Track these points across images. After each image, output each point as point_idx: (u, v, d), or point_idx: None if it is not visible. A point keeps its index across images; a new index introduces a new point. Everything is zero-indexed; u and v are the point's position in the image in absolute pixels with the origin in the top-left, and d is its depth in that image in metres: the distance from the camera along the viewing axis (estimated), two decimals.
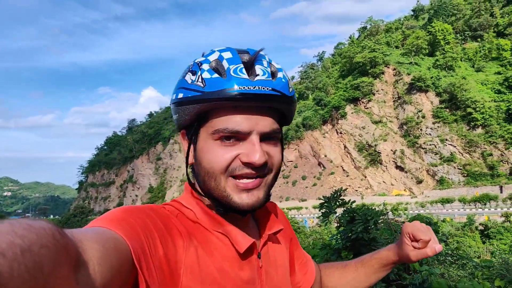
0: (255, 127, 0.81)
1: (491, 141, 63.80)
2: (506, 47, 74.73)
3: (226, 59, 0.82)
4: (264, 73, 0.82)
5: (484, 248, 35.16)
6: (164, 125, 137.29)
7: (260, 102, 0.80)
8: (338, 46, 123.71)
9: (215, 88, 0.80)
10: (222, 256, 0.84)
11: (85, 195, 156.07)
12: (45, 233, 0.41)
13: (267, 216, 1.01)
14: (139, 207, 0.76)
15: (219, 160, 0.82)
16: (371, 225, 7.02)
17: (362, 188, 73.77)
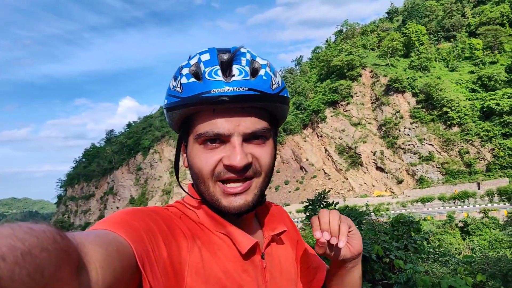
0: (236, 129, 0.80)
1: (467, 139, 65.08)
2: (478, 46, 76.57)
3: (203, 61, 0.82)
4: (241, 73, 0.80)
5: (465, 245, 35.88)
6: (144, 135, 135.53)
7: (236, 103, 0.79)
8: (315, 50, 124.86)
9: (191, 93, 0.79)
10: (226, 257, 0.83)
11: (65, 209, 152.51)
12: (46, 236, 0.41)
13: (270, 217, 1.02)
14: (142, 209, 0.77)
15: (204, 164, 0.82)
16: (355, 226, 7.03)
17: (344, 190, 74.24)
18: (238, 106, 0.80)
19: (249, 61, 0.84)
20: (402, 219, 9.94)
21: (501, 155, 58.92)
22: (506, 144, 59.05)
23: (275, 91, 0.84)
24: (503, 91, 63.54)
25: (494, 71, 68.98)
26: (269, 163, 0.87)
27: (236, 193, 0.82)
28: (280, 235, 1.00)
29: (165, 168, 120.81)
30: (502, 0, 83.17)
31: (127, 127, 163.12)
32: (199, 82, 0.80)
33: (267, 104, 0.83)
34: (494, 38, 75.20)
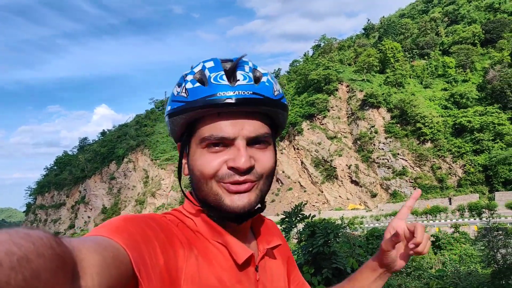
0: (240, 132, 0.82)
1: (439, 154, 66.34)
2: (451, 64, 78.78)
3: (208, 68, 0.84)
4: (245, 78, 0.83)
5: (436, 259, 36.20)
6: (118, 143, 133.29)
7: (241, 106, 0.81)
8: (293, 64, 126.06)
9: (197, 96, 0.81)
10: (221, 267, 0.83)
11: (34, 217, 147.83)
12: (43, 242, 0.41)
13: (265, 230, 1.02)
14: (140, 216, 0.77)
15: (207, 166, 0.82)
16: (331, 239, 6.92)
17: (319, 203, 74.38)
18: (243, 109, 0.82)
19: (252, 68, 0.87)
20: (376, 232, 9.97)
21: (472, 171, 60.25)
22: (476, 161, 60.46)
23: (277, 97, 0.87)
24: (474, 109, 65.40)
25: (466, 89, 70.92)
26: (270, 168, 0.88)
27: (240, 192, 0.83)
28: (275, 249, 1.02)
29: (139, 178, 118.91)
30: (474, 20, 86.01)
31: (101, 135, 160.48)
32: (204, 87, 0.82)
33: (269, 109, 0.86)
34: (466, 57, 77.38)
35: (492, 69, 67.86)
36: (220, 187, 0.83)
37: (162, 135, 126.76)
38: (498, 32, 78.35)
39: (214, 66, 0.84)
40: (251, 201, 0.84)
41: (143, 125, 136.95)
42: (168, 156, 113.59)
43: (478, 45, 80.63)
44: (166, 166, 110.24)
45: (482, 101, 67.23)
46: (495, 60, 71.13)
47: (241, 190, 0.83)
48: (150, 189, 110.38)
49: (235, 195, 0.83)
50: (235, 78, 0.82)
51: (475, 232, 38.97)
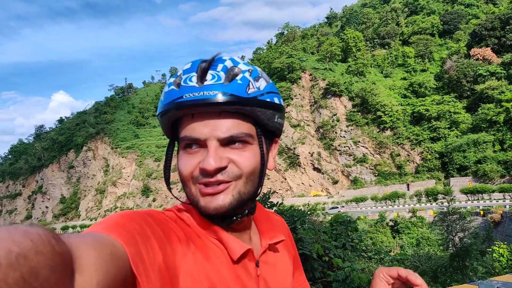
0: (212, 133, 0.81)
1: (398, 142, 68.09)
2: (410, 54, 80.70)
3: (183, 70, 0.84)
4: (213, 77, 0.81)
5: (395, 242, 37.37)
6: (77, 131, 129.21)
7: (207, 107, 0.80)
8: (256, 51, 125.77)
9: (169, 99, 0.82)
10: (219, 263, 0.83)
11: None
12: (41, 239, 0.41)
13: (270, 226, 1.01)
14: (138, 212, 0.76)
15: (184, 168, 0.83)
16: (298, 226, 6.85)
17: (283, 190, 75.07)
18: (210, 110, 0.81)
19: (227, 67, 0.83)
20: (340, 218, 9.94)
21: (429, 158, 62.18)
22: (433, 148, 62.43)
23: (251, 95, 0.83)
24: (432, 98, 67.39)
25: (424, 78, 73.00)
26: (251, 167, 0.85)
27: (213, 194, 0.82)
28: (277, 244, 1.00)
29: (99, 167, 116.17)
30: (433, 11, 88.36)
31: (59, 122, 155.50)
32: (176, 89, 0.81)
33: (240, 108, 0.82)
34: (425, 47, 79.49)
35: (449, 59, 70.04)
36: (196, 189, 0.83)
37: (123, 123, 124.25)
38: (455, 24, 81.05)
39: (189, 68, 0.83)
40: (225, 202, 0.82)
41: (103, 112, 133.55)
42: (129, 144, 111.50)
43: (437, 35, 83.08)
44: (127, 155, 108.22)
45: (439, 90, 69.34)
46: (452, 50, 73.56)
47: (212, 192, 0.82)
48: (111, 178, 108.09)
49: (207, 197, 0.82)
50: (204, 79, 0.81)
51: (431, 217, 40.50)
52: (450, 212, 18.46)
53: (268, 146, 0.93)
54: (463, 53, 70.15)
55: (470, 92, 64.24)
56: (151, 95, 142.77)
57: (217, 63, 0.83)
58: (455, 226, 17.50)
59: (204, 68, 0.81)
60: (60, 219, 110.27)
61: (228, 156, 0.82)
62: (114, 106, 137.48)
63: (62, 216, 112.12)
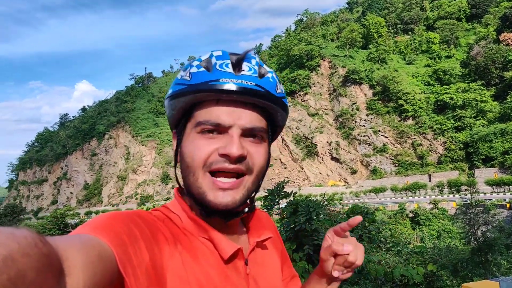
0: (236, 121, 0.82)
1: (420, 131, 66.16)
2: (435, 40, 77.68)
3: (215, 56, 0.85)
4: (250, 70, 0.83)
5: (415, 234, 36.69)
6: (99, 119, 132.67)
7: (241, 95, 0.81)
8: (275, 39, 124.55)
9: (199, 80, 0.82)
10: (208, 262, 0.83)
11: (16, 193, 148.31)
12: (27, 241, 0.41)
13: (257, 223, 1.02)
14: (125, 213, 0.76)
15: (198, 152, 0.82)
16: (313, 216, 6.64)
17: (300, 180, 74.54)
18: (242, 99, 0.82)
19: (258, 63, 0.87)
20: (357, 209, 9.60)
21: (452, 148, 60.43)
22: (457, 138, 60.56)
23: (279, 94, 0.88)
24: (457, 85, 64.93)
25: (449, 65, 70.32)
26: (262, 164, 0.87)
27: (225, 189, 0.82)
28: (265, 241, 1.01)
29: (120, 154, 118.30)
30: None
31: (82, 111, 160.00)
32: (208, 72, 0.82)
33: (269, 105, 0.86)
34: (450, 32, 76.41)
35: (477, 45, 67.15)
36: (206, 180, 0.82)
37: (143, 112, 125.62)
38: (484, 7, 77.58)
39: (221, 55, 0.85)
40: (236, 199, 0.83)
41: (124, 101, 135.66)
42: (149, 132, 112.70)
43: (464, 20, 79.83)
44: (147, 143, 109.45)
45: (466, 77, 66.78)
46: (480, 35, 70.56)
47: (225, 187, 0.82)
48: (132, 166, 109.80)
49: (219, 191, 0.82)
50: (241, 69, 0.83)
51: (453, 209, 39.55)
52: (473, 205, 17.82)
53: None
54: (492, 38, 67.27)
55: (499, 79, 61.63)
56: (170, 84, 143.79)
57: (250, 57, 0.86)
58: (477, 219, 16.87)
59: (239, 59, 0.84)
60: (84, 204, 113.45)
61: (247, 148, 0.83)
62: (134, 95, 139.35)
63: (86, 202, 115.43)
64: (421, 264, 8.18)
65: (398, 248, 11.21)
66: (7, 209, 73.82)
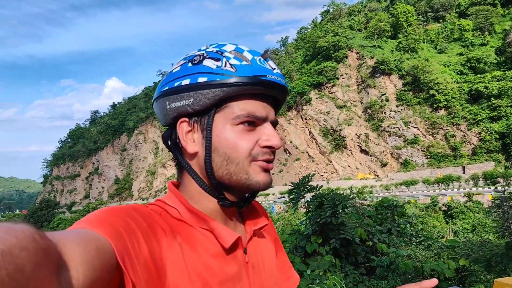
0: (269, 115, 0.87)
1: (453, 122, 64.55)
2: (467, 27, 75.25)
3: (246, 50, 0.86)
4: (276, 67, 0.88)
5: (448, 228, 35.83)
6: (128, 115, 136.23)
7: (279, 91, 0.86)
8: (301, 31, 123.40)
9: (247, 73, 0.82)
10: (207, 252, 0.84)
11: (51, 188, 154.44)
12: (25, 236, 0.41)
13: (252, 211, 1.03)
14: (121, 207, 0.76)
15: (243, 143, 0.84)
16: (339, 210, 6.62)
17: (328, 173, 74.07)
18: (277, 94, 0.87)
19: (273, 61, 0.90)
20: (386, 203, 9.32)
21: (488, 139, 58.68)
22: (493, 128, 58.74)
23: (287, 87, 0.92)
24: (492, 74, 62.64)
25: (483, 53, 67.95)
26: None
27: (268, 170, 0.87)
28: (262, 229, 1.02)
29: (150, 149, 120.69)
30: None
31: (112, 108, 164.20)
32: (251, 66, 0.83)
33: (286, 97, 0.92)
34: (484, 19, 73.78)
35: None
36: (251, 166, 0.85)
37: None
38: None
39: (252, 50, 0.87)
40: (271, 179, 0.88)
41: (152, 97, 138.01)
42: None
43: (498, 5, 76.54)
44: None
45: (501, 65, 64.25)
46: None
47: (270, 167, 0.87)
48: (161, 160, 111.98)
49: (263, 172, 0.86)
50: (271, 66, 0.86)
51: (489, 202, 38.39)
52: (507, 197, 17.22)
53: None
54: None
55: None
56: None
57: (269, 55, 0.89)
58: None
59: (266, 56, 0.87)
60: (115, 198, 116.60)
61: None
62: None
63: (117, 196, 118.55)
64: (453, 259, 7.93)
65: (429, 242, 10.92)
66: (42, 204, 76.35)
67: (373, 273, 6.76)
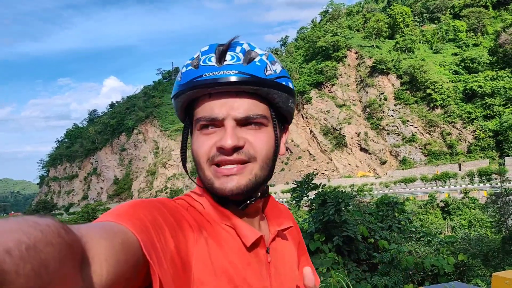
0: (229, 112, 0.83)
1: (449, 120, 65.54)
2: (462, 28, 76.41)
3: (201, 51, 0.86)
4: (232, 58, 0.83)
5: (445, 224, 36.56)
6: (127, 115, 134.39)
7: (226, 86, 0.81)
8: (301, 31, 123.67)
9: (187, 79, 0.84)
10: (231, 249, 0.83)
11: (47, 189, 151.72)
12: (50, 230, 0.41)
13: (277, 213, 1.03)
14: (148, 200, 0.76)
15: (201, 148, 0.84)
16: (342, 207, 7.00)
17: (329, 171, 74.70)
18: (229, 89, 0.82)
19: (245, 50, 0.87)
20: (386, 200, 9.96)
21: (482, 137, 59.67)
22: (487, 126, 59.75)
23: (269, 76, 0.86)
24: (485, 73, 63.90)
25: (477, 53, 69.17)
26: (265, 150, 0.87)
27: (229, 175, 0.83)
28: (286, 230, 1.02)
29: (150, 149, 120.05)
30: None
31: (110, 107, 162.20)
32: (195, 70, 0.84)
33: (258, 89, 0.84)
34: (477, 20, 74.95)
35: (504, 32, 65.83)
36: (211, 170, 0.84)
37: (171, 106, 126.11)
38: None
39: (207, 50, 0.86)
40: (240, 184, 0.83)
41: (151, 96, 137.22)
42: (177, 127, 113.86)
43: (490, 7, 77.83)
44: (176, 137, 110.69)
45: (494, 65, 65.59)
46: (507, 23, 68.98)
47: (225, 173, 0.83)
48: (161, 160, 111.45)
49: (223, 177, 0.83)
50: (223, 59, 0.83)
51: (484, 198, 39.15)
52: (503, 193, 17.89)
53: (280, 131, 0.96)
54: None
55: None
56: None
57: (235, 45, 0.86)
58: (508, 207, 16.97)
59: (223, 50, 0.84)
60: (114, 199, 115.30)
61: (244, 137, 0.84)
62: (162, 90, 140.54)
63: (116, 197, 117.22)
64: (452, 254, 8.43)
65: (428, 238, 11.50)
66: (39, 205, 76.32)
67: (375, 270, 6.84)
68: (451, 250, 8.61)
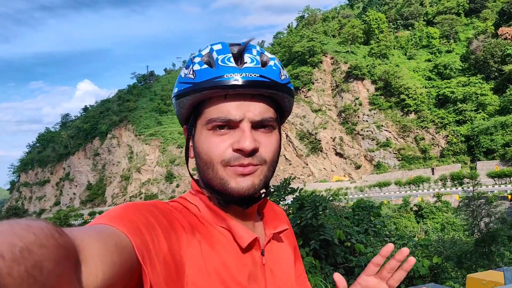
0: (246, 115, 0.82)
1: (422, 126, 66.61)
2: (435, 35, 78.37)
3: (215, 50, 0.85)
4: (252, 61, 0.83)
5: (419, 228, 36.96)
6: (101, 119, 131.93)
7: (248, 88, 0.81)
8: (277, 36, 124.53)
9: (204, 78, 0.82)
10: (225, 251, 0.84)
11: (18, 195, 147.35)
12: (44, 232, 0.41)
13: (273, 215, 1.03)
14: (142, 203, 0.76)
15: (214, 150, 0.83)
16: (319, 211, 6.85)
17: (304, 176, 74.90)
18: (249, 92, 0.82)
19: (259, 52, 0.87)
20: (362, 204, 9.85)
21: (454, 142, 60.85)
22: (459, 131, 60.98)
23: (284, 81, 0.87)
24: (458, 80, 65.42)
25: (449, 59, 70.84)
26: (274, 153, 0.88)
27: (245, 174, 0.83)
28: (281, 233, 1.01)
29: (124, 154, 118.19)
30: None
31: (84, 111, 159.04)
32: (212, 68, 0.82)
33: (276, 93, 0.85)
34: (450, 27, 76.99)
35: (476, 39, 67.68)
36: (225, 171, 0.83)
37: (145, 110, 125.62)
38: (482, 2, 77.90)
39: (221, 49, 0.85)
40: (255, 184, 0.84)
41: (126, 100, 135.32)
42: (152, 131, 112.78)
43: (462, 15, 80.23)
44: (151, 142, 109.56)
45: (466, 71, 67.28)
46: (478, 30, 70.96)
47: (245, 172, 0.83)
48: (135, 165, 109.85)
49: (239, 177, 0.83)
50: (243, 61, 0.83)
51: (456, 201, 39.81)
52: (475, 197, 18.13)
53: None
54: (491, 33, 67.62)
55: (498, 73, 62.06)
56: (173, 82, 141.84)
57: (250, 47, 0.86)
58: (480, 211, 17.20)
59: (240, 51, 0.84)
60: (87, 205, 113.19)
61: (259, 140, 0.84)
62: (136, 93, 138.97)
63: (89, 202, 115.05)
64: (426, 257, 8.39)
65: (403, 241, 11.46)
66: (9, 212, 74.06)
67: (352, 273, 6.85)
68: (426, 253, 8.55)
